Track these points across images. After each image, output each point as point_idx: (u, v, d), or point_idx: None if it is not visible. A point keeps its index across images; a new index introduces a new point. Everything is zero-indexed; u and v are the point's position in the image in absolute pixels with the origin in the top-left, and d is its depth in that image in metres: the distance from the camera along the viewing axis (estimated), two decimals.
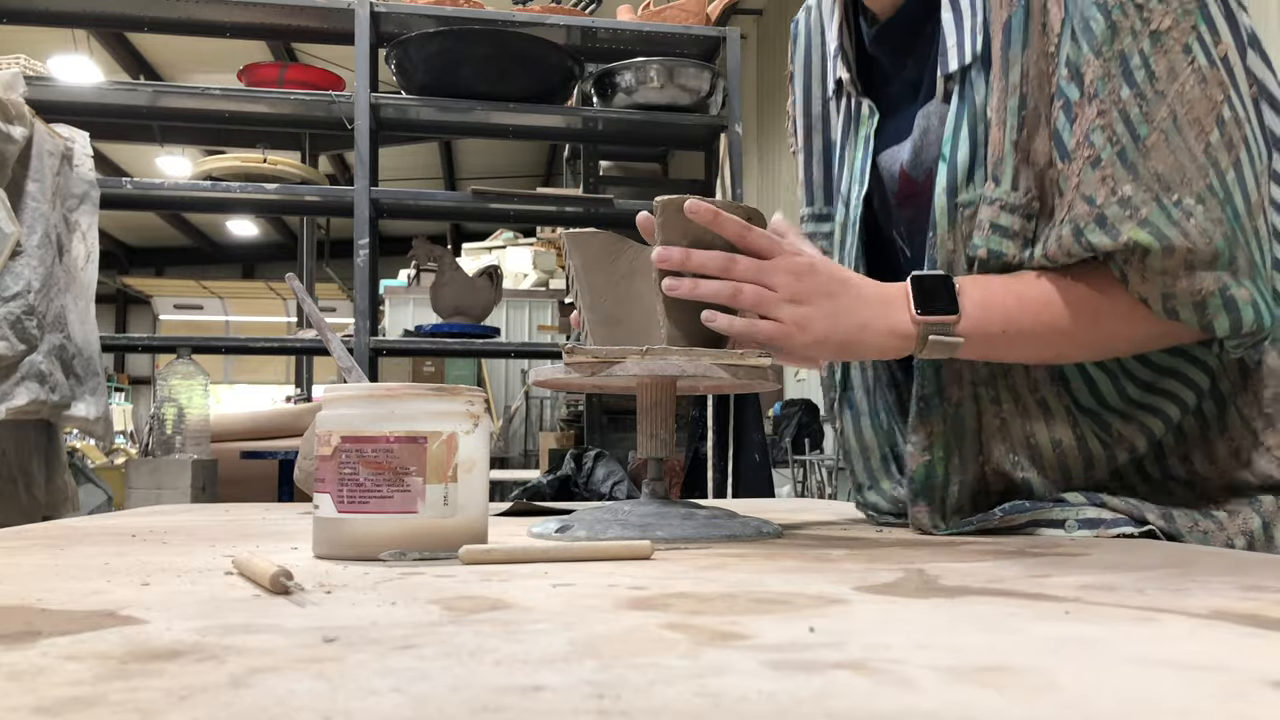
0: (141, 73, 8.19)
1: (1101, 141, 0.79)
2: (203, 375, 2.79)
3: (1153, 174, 0.78)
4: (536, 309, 6.28)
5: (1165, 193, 0.77)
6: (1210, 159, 0.78)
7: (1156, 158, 0.78)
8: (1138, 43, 0.79)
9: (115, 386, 12.60)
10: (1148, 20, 0.79)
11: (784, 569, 0.61)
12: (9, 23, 2.92)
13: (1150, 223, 0.77)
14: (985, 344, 0.83)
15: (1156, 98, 0.78)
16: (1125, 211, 0.78)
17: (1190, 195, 0.77)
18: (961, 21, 0.88)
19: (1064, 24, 0.81)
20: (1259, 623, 0.43)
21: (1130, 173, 0.78)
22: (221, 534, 0.86)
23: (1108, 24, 0.79)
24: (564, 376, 0.85)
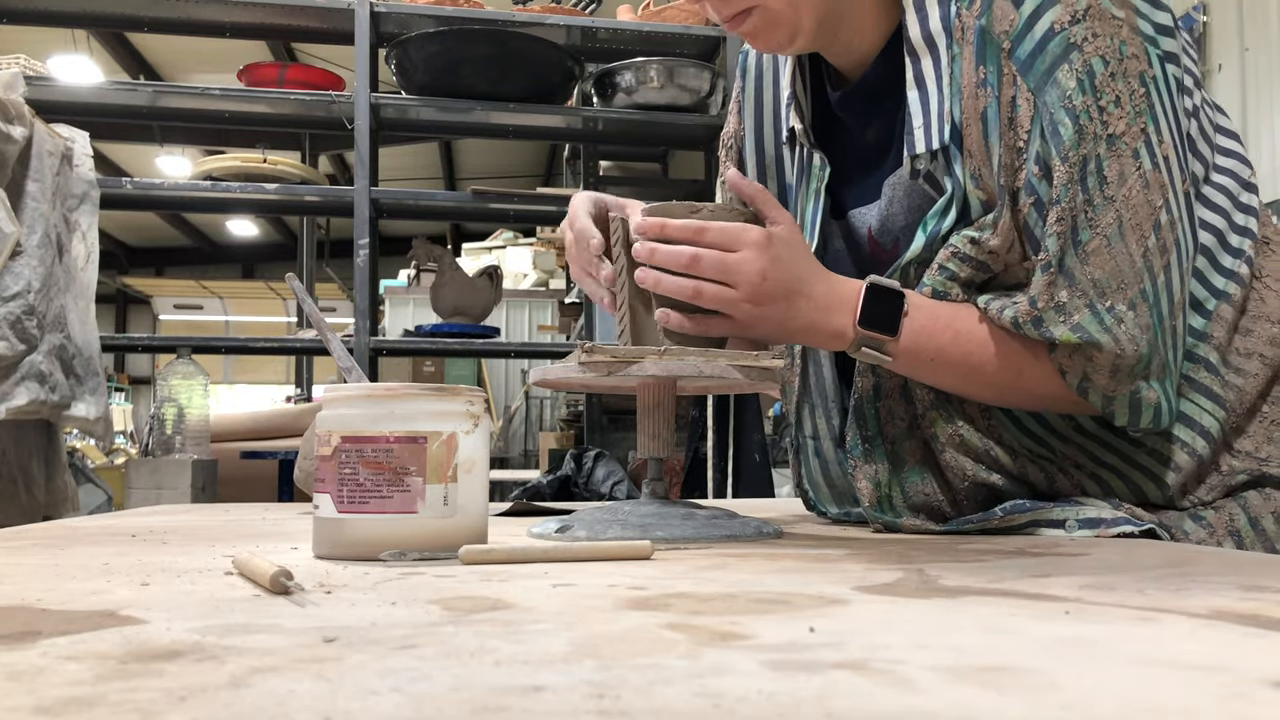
0: (141, 73, 8.18)
1: (1055, 248, 0.82)
2: (203, 375, 2.79)
3: (1089, 280, 0.82)
4: (536, 309, 6.27)
5: (1100, 298, 0.81)
6: (1146, 264, 0.82)
7: (1096, 263, 0.81)
8: (1096, 147, 0.81)
9: (115, 386, 12.59)
10: (1106, 124, 0.81)
11: (784, 569, 0.61)
12: (9, 23, 2.92)
13: (1081, 326, 0.81)
14: (912, 365, 0.87)
15: (1105, 204, 0.81)
16: (1059, 316, 0.82)
17: (1123, 301, 0.81)
18: (928, 103, 0.88)
19: (1034, 121, 0.82)
20: (1259, 623, 0.43)
21: (1067, 279, 0.82)
22: (221, 534, 0.86)
23: (1075, 129, 0.81)
24: (564, 376, 0.85)
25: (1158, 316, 0.83)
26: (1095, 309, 0.81)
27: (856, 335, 0.86)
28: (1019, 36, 0.82)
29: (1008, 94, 0.83)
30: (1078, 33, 0.81)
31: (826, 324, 0.86)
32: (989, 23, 0.84)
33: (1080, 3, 0.82)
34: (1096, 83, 0.81)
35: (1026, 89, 0.82)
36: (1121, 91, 0.81)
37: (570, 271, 0.96)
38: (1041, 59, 0.82)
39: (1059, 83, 0.81)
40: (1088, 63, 0.81)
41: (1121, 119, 0.81)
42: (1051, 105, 0.82)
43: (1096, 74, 0.81)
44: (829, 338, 0.87)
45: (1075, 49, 0.81)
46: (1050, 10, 0.82)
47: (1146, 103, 0.82)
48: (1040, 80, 0.82)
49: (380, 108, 2.83)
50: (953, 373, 0.87)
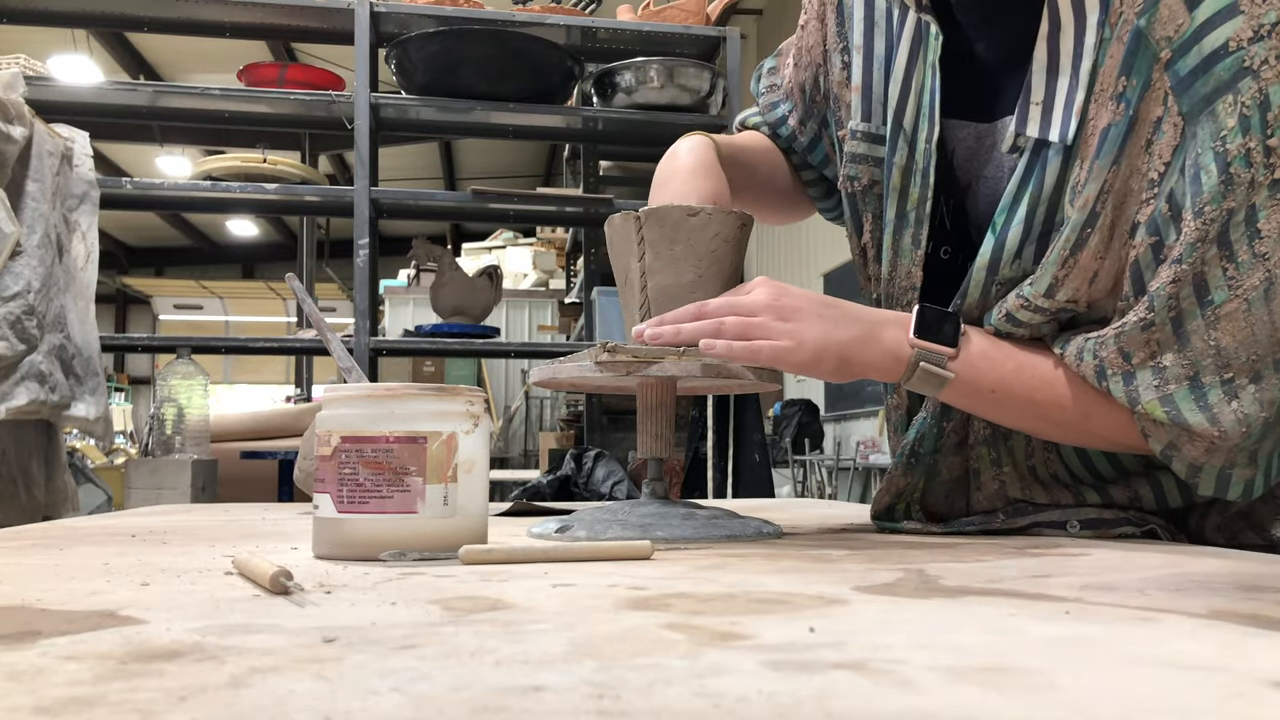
0: (141, 73, 8.19)
1: (1161, 309, 0.72)
2: (203, 375, 2.78)
3: (1211, 347, 0.71)
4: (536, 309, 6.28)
5: (1218, 370, 0.71)
6: None
7: (1226, 329, 0.70)
8: (1251, 195, 0.68)
9: (115, 386, 12.60)
10: (1272, 168, 0.68)
11: (784, 569, 0.61)
12: (9, 23, 2.92)
13: (1172, 401, 0.72)
14: (971, 394, 0.80)
15: (1253, 262, 0.69)
16: (1154, 379, 0.73)
17: (1246, 374, 0.71)
18: (1055, 84, 0.77)
19: (1177, 153, 0.70)
20: (1259, 623, 0.43)
21: (1179, 341, 0.72)
22: (221, 534, 0.86)
23: (1222, 177, 0.68)
24: (579, 376, 0.85)
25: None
26: (1199, 383, 0.71)
27: (913, 350, 0.79)
28: (1183, 47, 0.69)
29: (1151, 113, 0.71)
30: (1257, 53, 0.67)
31: (877, 338, 0.79)
32: (1149, 24, 0.70)
33: (1269, 14, 0.67)
34: (1269, 117, 0.67)
35: (1177, 112, 0.70)
36: None
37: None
38: (1204, 81, 0.69)
39: (1216, 116, 0.68)
40: (1263, 92, 0.67)
41: None
42: (1200, 144, 0.69)
43: (1272, 106, 0.67)
44: (882, 357, 0.80)
45: (1249, 75, 0.67)
46: (1229, 22, 0.68)
47: None
48: (1196, 106, 0.69)
49: (380, 108, 2.83)
50: (1010, 408, 0.80)
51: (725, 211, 0.87)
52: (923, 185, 0.87)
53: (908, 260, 0.89)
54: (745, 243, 0.90)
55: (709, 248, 0.87)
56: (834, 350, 0.79)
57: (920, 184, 0.87)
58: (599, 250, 3.99)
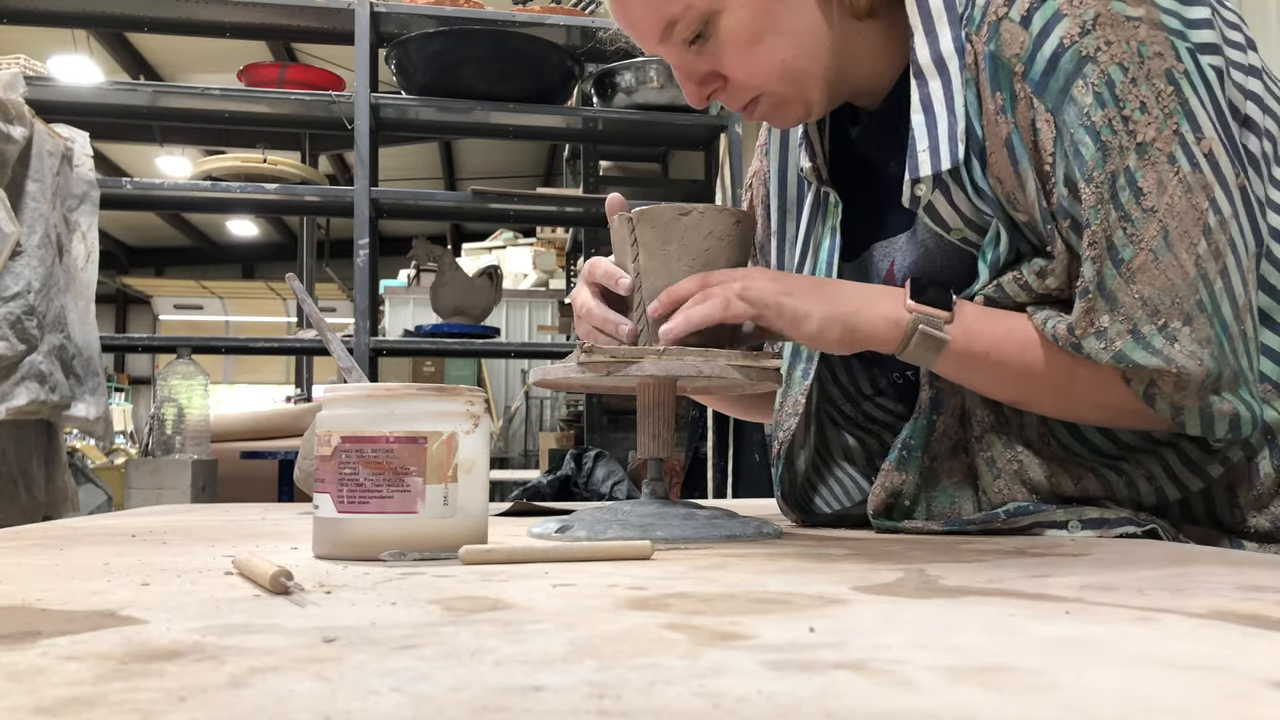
0: (141, 73, 8.18)
1: (1091, 273, 0.78)
2: (203, 375, 2.79)
3: (1138, 299, 0.77)
4: (536, 309, 6.28)
5: (1151, 318, 0.77)
6: (1200, 272, 0.77)
7: (1144, 280, 0.77)
8: (1124, 159, 0.77)
9: (115, 386, 12.59)
10: (1133, 133, 0.77)
11: (784, 569, 0.61)
12: (9, 23, 2.92)
13: (1122, 354, 0.78)
14: (966, 359, 0.84)
15: (1145, 216, 0.77)
16: (1100, 343, 0.78)
17: (1178, 317, 0.77)
18: (935, 126, 0.85)
19: (1056, 142, 0.79)
20: (1259, 623, 0.43)
21: (1109, 303, 0.78)
22: (221, 534, 0.86)
23: (1096, 146, 0.77)
24: (564, 376, 0.85)
25: (1220, 325, 0.78)
26: (1139, 333, 0.77)
27: (911, 315, 0.82)
28: (1029, 57, 0.79)
29: (1025, 117, 0.80)
30: (1089, 44, 0.77)
31: (875, 307, 0.83)
32: (998, 47, 0.81)
33: (1088, 12, 0.78)
34: (1117, 92, 0.77)
35: (1045, 110, 0.79)
36: (1146, 96, 0.77)
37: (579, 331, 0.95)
38: (1055, 77, 0.78)
39: (1075, 100, 0.78)
40: (1105, 73, 0.77)
41: (1150, 125, 0.77)
42: (1071, 125, 0.78)
43: (1116, 83, 0.77)
44: (880, 322, 0.83)
45: (1089, 61, 0.77)
46: (1058, 25, 0.78)
47: (1177, 100, 0.77)
48: (1057, 99, 0.79)
49: (380, 108, 2.83)
50: (1002, 372, 0.84)
51: (719, 209, 0.87)
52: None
53: (796, 391, 0.99)
54: (745, 241, 0.90)
55: (702, 246, 0.87)
56: (838, 320, 0.83)
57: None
58: (599, 250, 3.99)
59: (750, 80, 0.89)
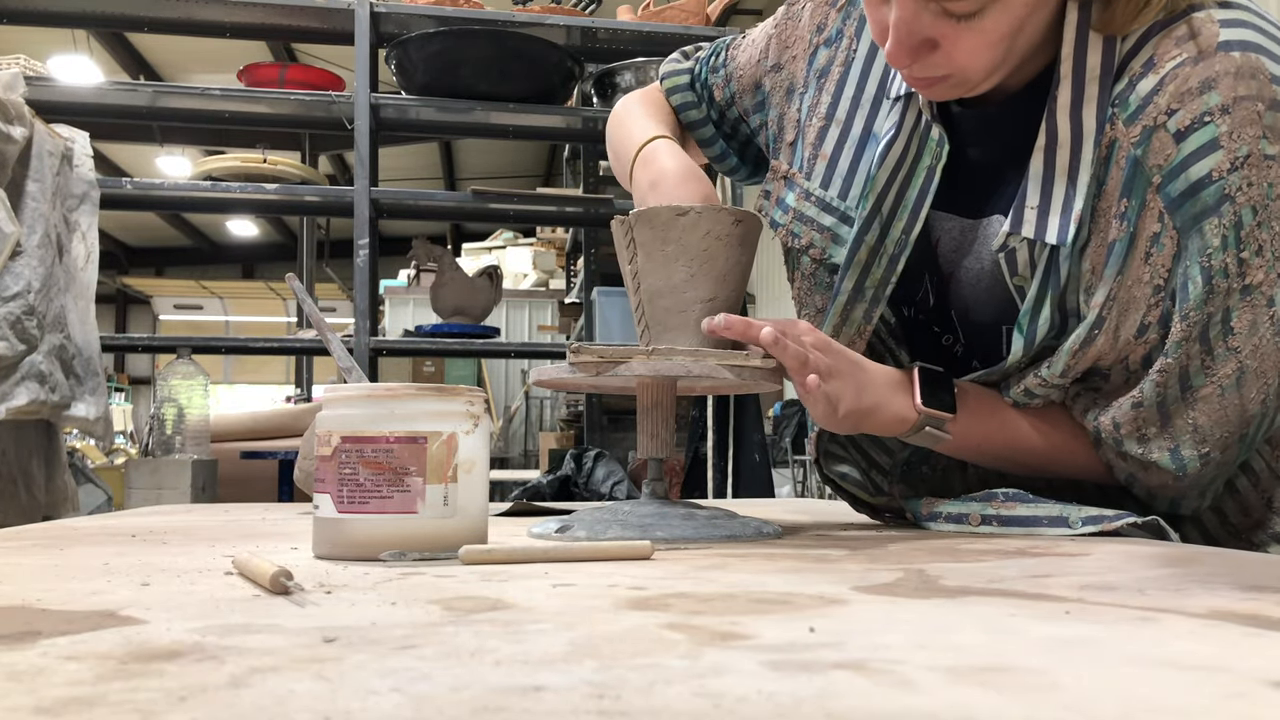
0: (141, 73, 8.18)
1: (1150, 394, 0.83)
2: (203, 375, 2.79)
3: (1189, 425, 0.82)
4: (536, 309, 6.28)
5: (1196, 445, 0.83)
6: (1262, 410, 0.82)
7: (1203, 410, 0.82)
8: (1226, 300, 0.79)
9: (115, 386, 12.59)
10: (1243, 275, 0.78)
11: (784, 569, 0.61)
12: (9, 23, 2.92)
13: (1155, 462, 0.84)
14: (959, 448, 0.91)
15: (1227, 355, 0.80)
16: (1139, 449, 0.84)
17: (1218, 448, 0.83)
18: (1050, 191, 0.83)
19: (1176, 260, 0.80)
20: (1259, 623, 0.43)
21: (1161, 419, 0.83)
22: (221, 534, 0.86)
23: (1205, 287, 0.78)
24: (564, 376, 0.85)
25: (1245, 446, 0.84)
26: (1179, 453, 0.83)
27: (919, 416, 0.87)
28: (1172, 173, 0.79)
29: (1149, 229, 0.80)
30: (1234, 182, 0.77)
31: (890, 402, 0.87)
32: (1145, 154, 0.80)
33: (1242, 149, 0.77)
34: (1242, 235, 0.78)
35: (1172, 227, 0.80)
36: (1264, 240, 0.78)
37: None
38: (1193, 204, 0.78)
39: (1204, 235, 0.78)
40: (1237, 214, 0.78)
41: (1260, 268, 0.78)
42: (1189, 257, 0.79)
43: (1244, 225, 0.78)
44: (892, 421, 0.87)
45: (1228, 201, 0.77)
46: (1211, 156, 0.78)
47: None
48: (1187, 224, 0.79)
49: (380, 108, 2.83)
50: (992, 455, 0.92)
51: (716, 209, 0.87)
52: (888, 269, 0.93)
53: (853, 330, 0.96)
54: (749, 239, 0.90)
55: (700, 246, 0.87)
56: (854, 417, 0.86)
57: (886, 267, 0.93)
58: (599, 250, 3.99)
59: (970, 70, 0.83)
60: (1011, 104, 0.90)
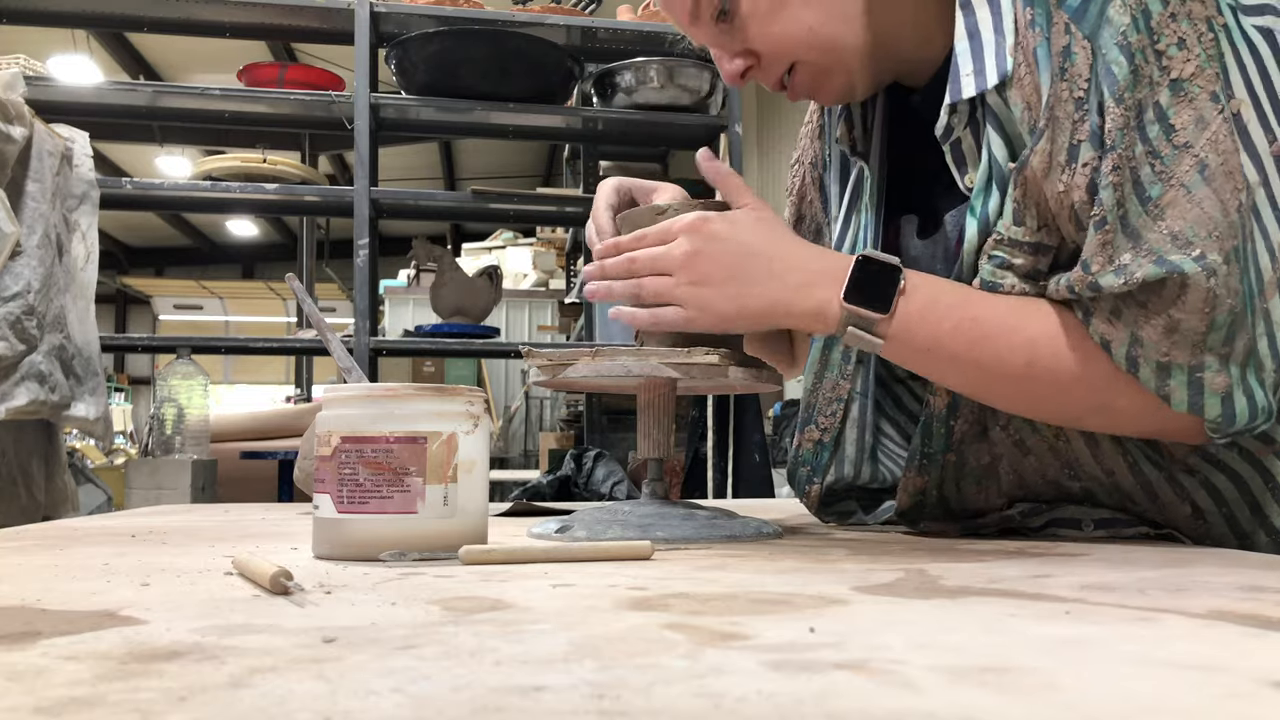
0: (141, 73, 8.18)
1: (1110, 200, 0.72)
2: (203, 375, 2.78)
3: (1165, 235, 0.70)
4: (536, 309, 6.27)
5: (1183, 248, 0.69)
6: (1241, 218, 0.71)
7: (1174, 215, 0.70)
8: (1155, 93, 0.71)
9: (115, 386, 12.59)
10: (1167, 69, 0.71)
11: (784, 569, 0.61)
12: (9, 23, 2.92)
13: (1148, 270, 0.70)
14: (902, 354, 0.80)
15: (1176, 153, 0.71)
16: (1119, 279, 0.71)
17: (1216, 250, 0.69)
18: (980, 50, 0.79)
19: (1092, 69, 0.73)
20: (1259, 623, 0.43)
21: (1130, 240, 0.71)
22: (221, 534, 0.86)
23: (1130, 68, 0.71)
24: (563, 376, 0.85)
25: (1248, 286, 0.71)
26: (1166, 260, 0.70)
27: (841, 311, 0.77)
28: None
29: (1059, 42, 0.74)
30: None
31: (800, 300, 0.78)
32: None
33: None
34: (1153, 24, 0.71)
35: (1081, 36, 0.73)
36: (1186, 33, 0.71)
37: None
38: (1094, 2, 0.73)
39: (1111, 20, 0.72)
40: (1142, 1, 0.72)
41: (1189, 62, 0.71)
42: (1105, 45, 0.72)
43: (1153, 14, 0.72)
44: (806, 316, 0.79)
45: None
46: None
47: (1216, 49, 0.72)
48: (1095, 24, 0.73)
49: (380, 108, 2.83)
50: (953, 368, 0.79)
51: (692, 204, 0.88)
52: None
53: (835, 374, 0.94)
54: None
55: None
56: (745, 315, 0.80)
57: None
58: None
59: (778, 50, 0.86)
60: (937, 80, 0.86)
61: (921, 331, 0.77)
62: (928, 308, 0.78)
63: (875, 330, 0.77)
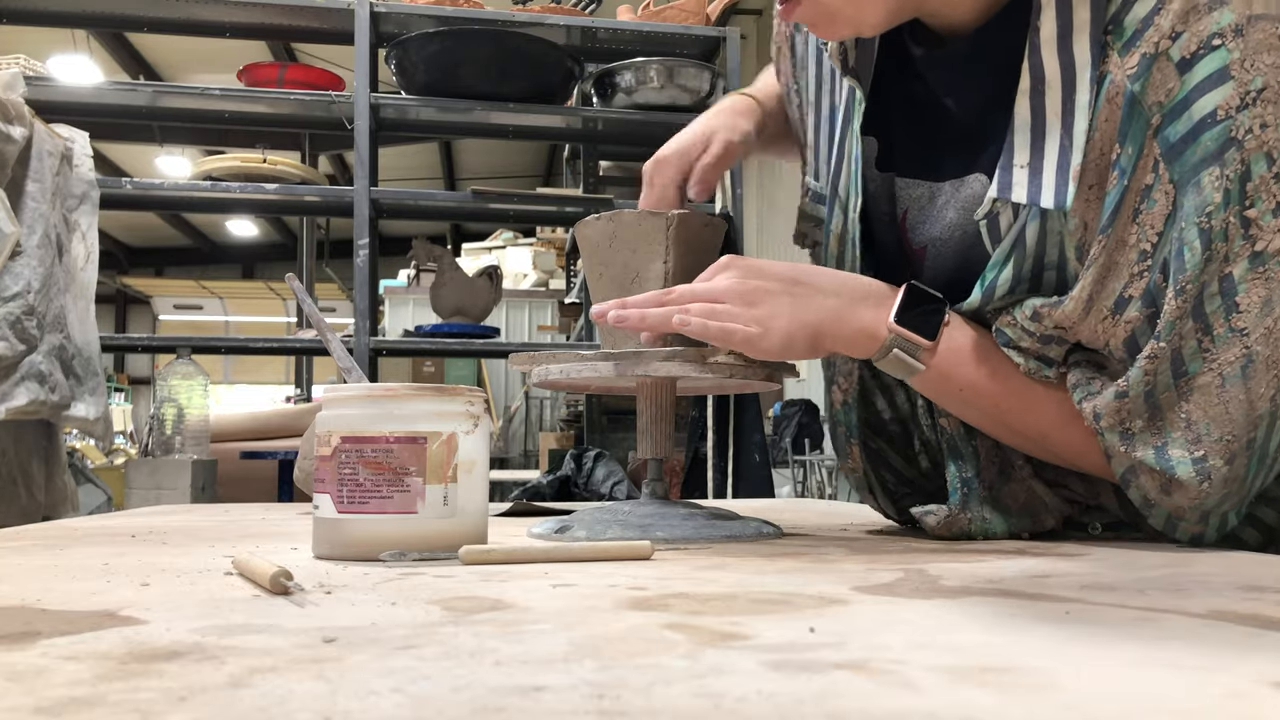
0: (141, 73, 8.19)
1: (1138, 377, 0.69)
2: (202, 375, 2.78)
3: (1181, 420, 0.68)
4: (536, 309, 6.28)
5: (1189, 445, 0.68)
6: (1271, 410, 0.67)
7: (1198, 402, 0.67)
8: (1228, 266, 0.65)
9: (115, 387, 12.60)
10: (1252, 239, 0.65)
11: (784, 569, 0.61)
12: (9, 23, 2.92)
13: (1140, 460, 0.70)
14: (937, 388, 0.78)
15: (1230, 336, 0.66)
16: (1120, 444, 0.71)
17: (1220, 454, 0.68)
18: (1042, 146, 0.71)
19: (1168, 222, 0.67)
20: (1259, 623, 0.43)
21: (1149, 411, 0.69)
22: (221, 534, 0.86)
23: (1204, 254, 0.65)
24: (564, 376, 0.85)
25: (1257, 462, 0.70)
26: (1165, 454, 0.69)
27: (889, 334, 0.75)
28: (1173, 113, 0.66)
29: (1143, 180, 0.67)
30: (1243, 122, 0.64)
31: (853, 314, 0.76)
32: (1143, 89, 0.67)
33: (1257, 80, 0.64)
34: (1249, 189, 0.64)
35: (1168, 180, 0.66)
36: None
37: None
38: (1193, 149, 0.65)
39: (1201, 189, 0.65)
40: (1245, 162, 0.64)
41: (1276, 232, 0.65)
42: (1186, 218, 0.66)
43: (1253, 177, 0.64)
44: (856, 335, 0.76)
45: (1234, 145, 0.64)
46: (1218, 89, 0.65)
47: None
48: (1185, 175, 0.66)
49: (380, 108, 2.83)
50: (978, 411, 0.78)
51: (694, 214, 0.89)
52: (853, 253, 0.87)
53: None
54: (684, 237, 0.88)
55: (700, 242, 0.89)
56: (804, 333, 0.76)
57: (852, 251, 0.88)
58: None
59: None
60: (983, 38, 0.78)
61: (961, 371, 0.76)
62: (968, 347, 0.77)
63: (919, 357, 0.76)
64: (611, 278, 0.90)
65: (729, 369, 0.81)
